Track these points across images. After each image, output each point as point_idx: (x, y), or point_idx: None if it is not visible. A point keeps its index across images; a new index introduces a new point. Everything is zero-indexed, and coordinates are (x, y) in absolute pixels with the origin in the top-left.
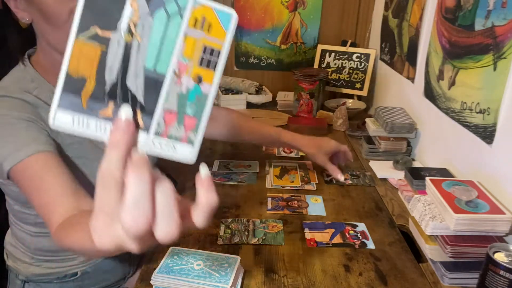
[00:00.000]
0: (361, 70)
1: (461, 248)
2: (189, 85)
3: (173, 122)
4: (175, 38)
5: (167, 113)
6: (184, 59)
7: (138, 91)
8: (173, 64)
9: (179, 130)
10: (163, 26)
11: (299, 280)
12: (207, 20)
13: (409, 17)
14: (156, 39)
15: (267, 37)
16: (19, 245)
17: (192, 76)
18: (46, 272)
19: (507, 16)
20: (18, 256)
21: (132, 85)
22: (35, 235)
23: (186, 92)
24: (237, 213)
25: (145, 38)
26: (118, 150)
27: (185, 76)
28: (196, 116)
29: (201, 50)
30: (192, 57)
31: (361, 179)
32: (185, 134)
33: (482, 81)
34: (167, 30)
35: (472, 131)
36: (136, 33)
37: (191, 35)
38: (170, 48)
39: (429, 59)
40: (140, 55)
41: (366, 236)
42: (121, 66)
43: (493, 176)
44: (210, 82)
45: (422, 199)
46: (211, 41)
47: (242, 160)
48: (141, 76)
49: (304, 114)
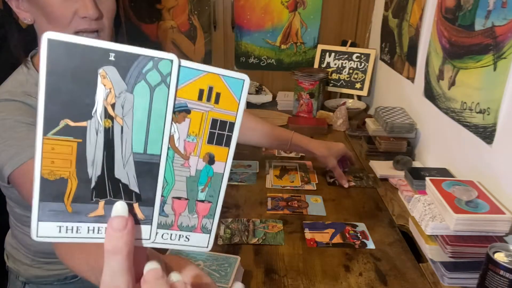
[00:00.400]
0: (361, 70)
1: (461, 248)
2: (199, 166)
3: (183, 211)
4: (164, 111)
5: (175, 201)
6: (190, 138)
7: (131, 180)
8: (166, 142)
9: (191, 219)
10: (147, 100)
11: (299, 280)
12: (214, 90)
13: (409, 17)
14: (142, 117)
15: (267, 37)
16: (19, 246)
17: (201, 156)
18: (46, 274)
19: (507, 16)
20: (19, 258)
21: (122, 175)
22: None
23: (195, 174)
24: (237, 213)
25: (127, 118)
26: (118, 256)
27: (193, 157)
28: (210, 201)
29: (210, 125)
30: (199, 134)
31: (364, 181)
32: (199, 222)
33: (482, 81)
34: (153, 104)
35: (472, 131)
36: (115, 116)
37: (196, 109)
38: (160, 124)
39: (429, 59)
40: (125, 139)
41: (366, 236)
42: (104, 156)
43: (493, 176)
44: (223, 159)
45: (422, 199)
46: (221, 113)
47: (242, 160)
48: (131, 162)
49: (304, 114)
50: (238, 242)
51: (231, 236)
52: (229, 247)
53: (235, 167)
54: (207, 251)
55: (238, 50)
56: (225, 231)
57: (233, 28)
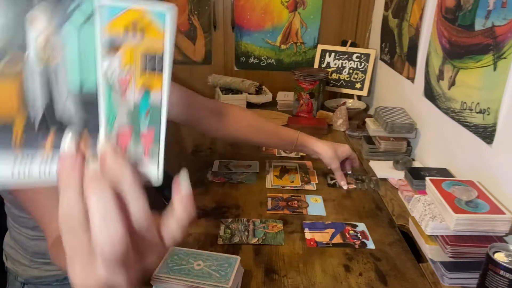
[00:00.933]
0: (361, 70)
1: (461, 248)
2: (136, 99)
3: (128, 143)
4: (93, 49)
5: (120, 135)
6: (123, 73)
7: (73, 118)
8: (100, 79)
9: (137, 148)
10: (75, 40)
11: (299, 280)
12: (140, 25)
13: (409, 17)
14: (73, 57)
15: (267, 37)
16: (17, 247)
17: (137, 88)
18: (45, 274)
19: (507, 16)
20: (17, 258)
21: (63, 114)
22: (33, 239)
23: (134, 107)
24: (237, 213)
25: (60, 59)
26: (71, 188)
27: (129, 90)
28: (152, 130)
29: (140, 58)
30: (131, 68)
31: (366, 183)
32: (144, 153)
33: (482, 81)
34: (82, 43)
35: (472, 131)
36: (47, 57)
37: (124, 44)
38: (91, 62)
39: (429, 59)
40: (61, 80)
41: (366, 236)
42: (43, 99)
43: (493, 176)
44: (159, 89)
45: (422, 199)
46: (150, 45)
47: (242, 160)
48: (71, 103)
49: (304, 114)
50: (238, 242)
51: (231, 236)
52: (229, 247)
53: (235, 167)
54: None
55: (238, 50)
56: (225, 231)
57: (233, 28)
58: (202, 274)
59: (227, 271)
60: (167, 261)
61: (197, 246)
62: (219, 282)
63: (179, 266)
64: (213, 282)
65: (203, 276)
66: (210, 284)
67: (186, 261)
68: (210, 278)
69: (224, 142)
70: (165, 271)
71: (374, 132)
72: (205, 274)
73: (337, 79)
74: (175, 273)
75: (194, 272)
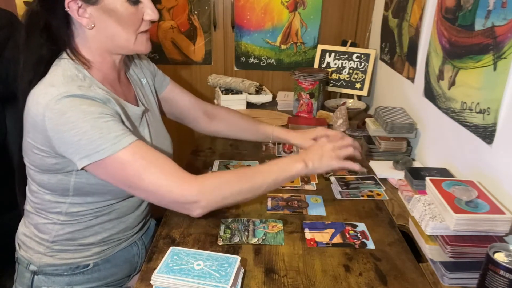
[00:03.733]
0: (361, 70)
1: (461, 248)
2: None
3: None
4: None
5: None
6: None
7: None
8: None
9: None
10: None
11: (299, 280)
12: None
13: (409, 17)
14: None
15: (267, 37)
16: (34, 234)
17: None
18: (59, 262)
19: (507, 16)
20: (32, 246)
21: None
22: (60, 223)
23: None
24: (237, 213)
25: None
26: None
27: None
28: None
29: None
30: None
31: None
32: None
33: (482, 81)
34: None
35: (472, 131)
36: None
37: None
38: None
39: (429, 59)
40: None
41: (366, 236)
42: None
43: (493, 176)
44: None
45: (422, 199)
46: None
47: (242, 160)
48: None
49: (304, 114)
50: (238, 242)
51: (231, 236)
52: (229, 247)
53: (235, 167)
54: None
55: (238, 50)
56: (225, 231)
57: (233, 28)
58: (202, 274)
59: (227, 271)
60: (167, 261)
61: (197, 246)
62: (219, 282)
63: (179, 266)
64: (213, 282)
65: (203, 276)
66: (210, 284)
67: (186, 261)
68: (210, 278)
69: (223, 142)
70: (165, 271)
71: (374, 132)
72: (205, 274)
73: (337, 79)
74: (175, 273)
75: (194, 272)
